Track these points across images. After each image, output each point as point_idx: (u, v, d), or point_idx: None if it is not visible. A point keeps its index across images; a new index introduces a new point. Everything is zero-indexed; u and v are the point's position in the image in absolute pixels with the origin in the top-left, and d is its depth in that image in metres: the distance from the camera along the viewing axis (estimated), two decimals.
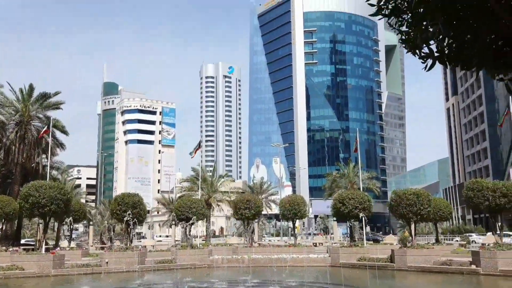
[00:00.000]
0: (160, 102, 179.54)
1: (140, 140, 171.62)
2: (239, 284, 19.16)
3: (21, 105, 46.09)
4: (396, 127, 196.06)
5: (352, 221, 38.27)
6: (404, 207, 30.03)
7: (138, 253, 32.69)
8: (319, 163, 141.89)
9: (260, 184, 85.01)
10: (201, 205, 41.00)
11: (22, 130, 44.80)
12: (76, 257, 33.38)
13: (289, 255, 34.04)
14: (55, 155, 50.76)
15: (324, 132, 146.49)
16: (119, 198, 36.39)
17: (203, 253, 34.88)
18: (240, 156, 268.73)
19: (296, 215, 39.90)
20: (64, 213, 33.99)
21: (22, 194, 30.58)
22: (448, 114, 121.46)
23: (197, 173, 60.67)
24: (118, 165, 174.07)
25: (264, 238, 67.73)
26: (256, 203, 43.05)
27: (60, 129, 47.83)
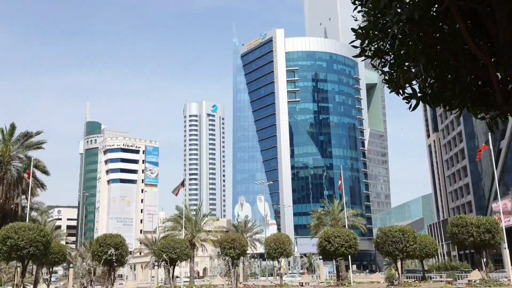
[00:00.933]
0: (144, 141, 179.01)
1: (122, 179, 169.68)
2: None
3: (1, 145, 45.43)
4: (379, 163, 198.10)
5: (339, 259, 37.98)
6: (390, 244, 30.00)
7: None
8: (303, 200, 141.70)
9: (245, 223, 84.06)
10: (185, 245, 40.29)
11: (2, 171, 43.98)
12: None
13: None
14: (35, 196, 49.72)
15: (308, 169, 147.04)
16: (101, 239, 35.65)
17: None
18: (224, 194, 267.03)
19: (281, 254, 39.48)
20: (43, 255, 33.00)
21: (0, 236, 29.68)
22: (430, 151, 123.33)
23: (181, 211, 59.82)
24: (100, 205, 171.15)
25: (249, 278, 66.45)
26: (241, 242, 42.52)
27: (41, 169, 47.08)
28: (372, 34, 6.01)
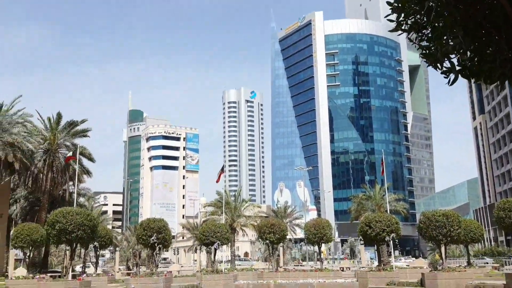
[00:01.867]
0: (184, 128, 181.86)
1: (164, 166, 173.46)
2: None
3: (49, 133, 47.23)
4: (422, 147, 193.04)
5: (380, 244, 37.45)
6: (433, 229, 29.23)
7: (164, 278, 32.58)
8: (344, 186, 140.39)
9: (284, 208, 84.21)
10: (225, 230, 40.77)
11: (50, 158, 45.76)
12: (103, 283, 33.44)
13: (315, 280, 33.36)
14: (82, 182, 51.57)
15: (348, 154, 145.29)
16: (145, 223, 36.56)
17: (228, 278, 34.50)
18: (263, 181, 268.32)
19: (321, 239, 39.25)
20: (90, 239, 34.28)
21: (49, 220, 30.99)
22: (476, 133, 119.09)
23: (221, 197, 60.62)
24: (144, 191, 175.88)
25: (290, 263, 66.83)
26: (281, 227, 42.63)
27: (87, 156, 48.67)
28: (408, 7, 5.79)
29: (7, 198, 47.42)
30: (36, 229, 36.99)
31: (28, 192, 50.01)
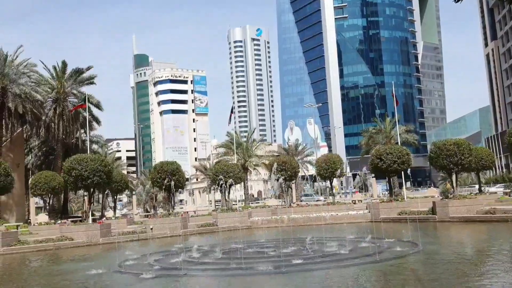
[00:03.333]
0: (191, 71, 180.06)
1: (174, 110, 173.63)
2: (284, 242, 19.37)
3: (56, 82, 47.10)
4: (433, 78, 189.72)
5: (391, 176, 37.81)
6: (444, 158, 29.29)
7: (181, 218, 33.56)
8: (354, 121, 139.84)
9: (295, 146, 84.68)
10: (237, 169, 41.33)
11: (60, 107, 45.93)
12: (122, 226, 34.56)
13: (328, 213, 34.11)
14: (93, 130, 52.00)
15: (358, 89, 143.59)
16: (158, 167, 37.18)
17: (243, 216, 35.44)
18: (273, 120, 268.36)
19: (333, 174, 39.67)
20: (107, 184, 35.04)
21: (65, 168, 31.55)
22: (488, 60, 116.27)
23: (232, 138, 60.98)
24: (155, 136, 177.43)
25: (302, 199, 68.08)
26: (292, 165, 43.08)
27: (95, 104, 48.72)
28: None
29: (22, 149, 48.22)
30: (53, 176, 37.85)
31: (41, 142, 50.68)
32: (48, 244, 26.05)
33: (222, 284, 13.07)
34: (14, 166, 36.97)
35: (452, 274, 11.98)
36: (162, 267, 15.75)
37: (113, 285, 13.68)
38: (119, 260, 17.86)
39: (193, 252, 18.76)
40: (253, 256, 16.91)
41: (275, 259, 15.47)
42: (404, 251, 16.32)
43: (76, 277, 15.57)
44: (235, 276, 13.67)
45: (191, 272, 14.20)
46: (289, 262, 14.38)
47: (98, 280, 14.38)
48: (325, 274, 13.08)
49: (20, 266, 20.54)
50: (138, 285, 13.55)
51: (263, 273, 13.68)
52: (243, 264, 15.04)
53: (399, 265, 14.08)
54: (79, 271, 17.15)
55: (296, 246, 18.38)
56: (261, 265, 14.62)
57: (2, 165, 26.72)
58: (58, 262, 21.13)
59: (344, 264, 14.21)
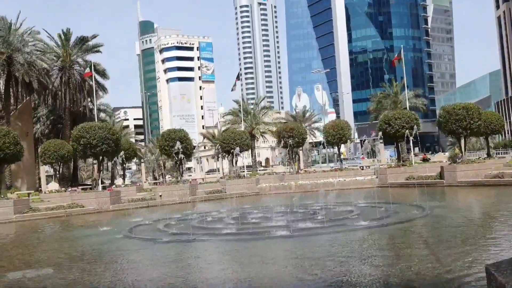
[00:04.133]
0: (197, 37, 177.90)
1: (180, 78, 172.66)
2: (291, 207, 19.52)
3: (61, 50, 46.80)
4: (443, 42, 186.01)
5: (399, 141, 37.66)
6: (453, 122, 29.04)
7: (189, 185, 33.88)
8: (363, 86, 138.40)
9: (303, 113, 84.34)
10: (245, 137, 41.35)
11: (66, 76, 45.80)
12: (132, 193, 34.96)
13: (336, 179, 34.21)
14: (99, 98, 51.95)
15: (367, 54, 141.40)
16: (166, 134, 37.34)
17: (250, 182, 35.68)
18: (280, 87, 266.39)
19: (340, 139, 39.53)
20: (115, 152, 35.30)
21: (74, 136, 31.74)
22: (499, 23, 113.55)
23: (239, 105, 60.75)
24: (162, 104, 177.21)
25: (310, 165, 68.24)
26: (300, 131, 42.97)
27: (100, 73, 48.50)
28: None
29: (30, 118, 48.45)
30: (62, 145, 38.14)
31: (49, 111, 50.82)
32: (59, 211, 26.48)
33: (230, 248, 13.24)
34: (23, 135, 37.23)
35: (459, 238, 12.02)
36: (172, 232, 15.97)
37: (125, 249, 13.93)
38: (129, 226, 18.13)
39: (202, 217, 18.98)
40: (261, 221, 17.07)
41: (283, 224, 15.61)
42: (412, 215, 16.38)
43: (88, 242, 15.86)
44: (243, 241, 13.83)
45: (200, 237, 14.38)
46: (297, 227, 14.50)
47: (110, 245, 14.64)
48: (332, 238, 13.18)
49: (32, 232, 20.94)
50: (149, 249, 13.78)
51: (271, 237, 13.82)
52: (251, 229, 15.21)
53: (406, 229, 14.14)
54: (91, 237, 17.47)
55: (304, 211, 18.51)
56: (269, 230, 14.77)
57: (11, 134, 26.86)
58: (70, 228, 21.51)
59: (352, 228, 14.30)
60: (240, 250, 12.57)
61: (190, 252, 12.96)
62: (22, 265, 12.05)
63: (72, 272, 10.83)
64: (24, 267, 11.52)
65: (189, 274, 9.99)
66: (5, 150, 25.78)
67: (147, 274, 10.31)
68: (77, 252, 13.92)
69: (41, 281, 9.95)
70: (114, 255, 13.15)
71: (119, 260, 12.48)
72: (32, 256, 13.71)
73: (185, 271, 10.31)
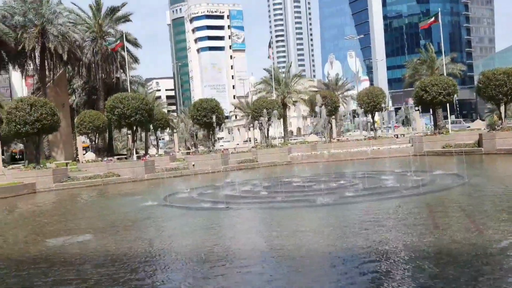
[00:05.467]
0: (227, 5, 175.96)
1: (211, 47, 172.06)
2: (325, 176, 19.37)
3: (92, 21, 47.13)
4: (482, 4, 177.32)
5: (436, 108, 36.61)
6: (493, 88, 27.94)
7: (221, 155, 34.06)
8: (397, 52, 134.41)
9: (336, 81, 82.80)
10: (277, 105, 41.06)
11: (97, 47, 46.24)
12: (165, 163, 35.45)
13: (369, 148, 33.69)
14: (131, 69, 52.41)
15: (402, 19, 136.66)
16: (197, 104, 37.46)
17: (282, 151, 35.56)
18: (312, 54, 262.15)
19: (374, 107, 38.68)
20: (148, 122, 35.78)
21: (108, 106, 32.24)
22: None
23: (271, 74, 60.14)
24: (193, 74, 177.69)
25: (343, 134, 67.40)
26: (333, 99, 42.32)
27: (132, 42, 48.70)
28: None
29: (65, 89, 49.49)
30: (97, 115, 38.90)
31: (84, 82, 51.69)
32: (96, 180, 27.17)
33: (263, 216, 13.26)
34: (59, 106, 38.00)
35: (499, 207, 11.62)
36: (205, 200, 16.13)
37: (160, 217, 14.18)
38: (164, 194, 18.43)
39: (234, 186, 19.08)
40: (294, 190, 17.01)
41: (316, 192, 15.48)
42: (449, 183, 15.97)
43: (125, 210, 16.24)
44: (276, 209, 13.82)
45: (233, 205, 14.45)
46: (331, 195, 14.35)
47: (145, 212, 14.93)
48: (367, 206, 13.00)
49: (71, 200, 21.59)
50: (183, 217, 13.98)
51: (304, 205, 13.75)
52: (284, 197, 15.17)
53: (443, 197, 13.80)
54: (127, 205, 17.88)
55: (338, 180, 18.31)
56: (303, 198, 14.70)
57: (47, 105, 27.43)
58: (106, 197, 22.08)
59: (387, 197, 14.05)
60: (273, 219, 12.57)
61: (224, 220, 13.07)
62: (62, 232, 12.42)
63: (109, 238, 11.09)
64: (64, 234, 11.88)
65: (222, 241, 10.06)
66: (42, 121, 26.40)
67: (182, 241, 10.45)
68: (114, 219, 14.25)
69: (81, 247, 10.23)
70: (149, 223, 13.39)
71: (154, 227, 12.71)
72: (71, 224, 14.13)
73: (218, 239, 10.39)
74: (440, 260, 7.34)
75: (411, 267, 7.13)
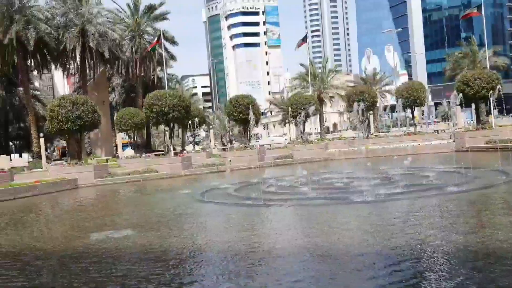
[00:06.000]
0: (262, 2, 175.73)
1: (246, 44, 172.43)
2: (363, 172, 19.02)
3: (131, 20, 48.05)
4: None
5: (479, 103, 35.34)
6: None
7: (257, 150, 34.05)
8: (437, 46, 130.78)
9: (373, 75, 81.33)
10: (313, 101, 40.67)
11: (136, 45, 47.10)
12: (201, 159, 35.77)
13: (409, 144, 32.90)
14: (169, 67, 53.16)
15: (442, 11, 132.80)
16: (233, 100, 37.57)
17: (319, 147, 35.22)
18: (349, 49, 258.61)
19: (414, 102, 37.79)
20: (185, 119, 36.15)
21: (146, 104, 32.80)
22: None
23: (306, 69, 59.69)
24: (228, 70, 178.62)
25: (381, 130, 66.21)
26: (370, 94, 41.56)
27: (169, 40, 49.35)
28: None
29: (106, 87, 50.72)
30: (136, 112, 39.63)
31: (123, 80, 52.80)
32: (135, 176, 27.68)
33: (302, 213, 13.13)
34: (99, 104, 39.01)
35: None
36: (243, 196, 16.13)
37: (197, 213, 14.29)
38: (201, 190, 18.57)
39: (271, 182, 19.01)
40: (333, 186, 16.77)
41: (356, 189, 15.21)
42: (494, 180, 15.35)
43: (163, 205, 16.46)
44: (316, 206, 13.65)
45: (270, 202, 14.38)
46: (371, 192, 14.07)
47: (183, 208, 15.08)
48: (408, 203, 12.66)
49: (111, 196, 22.08)
50: (221, 213, 14.02)
51: (344, 203, 13.53)
52: (323, 194, 14.98)
53: (488, 195, 13.28)
54: (165, 200, 18.13)
55: (377, 176, 17.94)
56: (342, 195, 14.47)
57: (88, 103, 28.16)
58: (145, 192, 22.46)
59: (429, 194, 13.64)
60: (313, 216, 12.42)
61: (262, 216, 13.02)
62: (104, 226, 12.69)
63: (149, 234, 11.24)
64: (106, 228, 12.12)
65: (261, 238, 10.01)
66: (84, 118, 27.10)
67: (220, 237, 10.46)
68: (153, 214, 14.45)
69: (122, 241, 10.41)
70: (187, 218, 13.51)
71: (192, 223, 12.81)
72: (112, 218, 14.43)
73: (257, 235, 10.35)
74: (487, 260, 7.04)
75: (458, 268, 6.85)
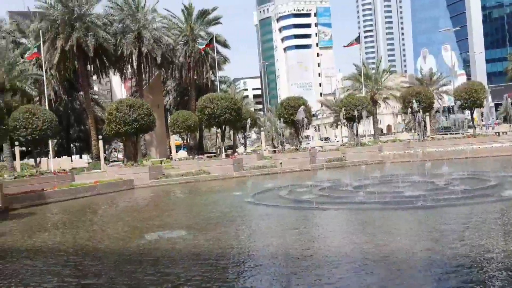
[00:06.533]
0: (314, 3, 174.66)
1: (297, 46, 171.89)
2: (419, 176, 18.35)
3: (184, 25, 49.08)
4: None
5: None
6: None
7: (309, 153, 33.73)
8: (497, 44, 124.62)
9: (430, 75, 78.58)
10: (366, 102, 39.85)
11: (189, 50, 48.05)
12: (253, 161, 35.87)
13: (468, 147, 31.50)
14: (221, 70, 53.86)
15: (503, 8, 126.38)
16: (285, 102, 37.52)
17: (373, 150, 34.42)
18: (403, 49, 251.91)
19: (474, 103, 36.24)
20: (237, 121, 36.42)
21: (199, 106, 33.34)
22: None
23: (359, 70, 58.60)
24: (280, 72, 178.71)
25: (438, 132, 63.84)
26: (427, 95, 40.23)
27: (222, 43, 49.99)
28: None
29: (160, 91, 52.08)
30: (189, 115, 40.39)
31: (177, 84, 54.03)
32: (188, 177, 28.16)
33: (354, 217, 12.82)
34: (154, 107, 40.06)
35: None
36: (294, 199, 15.98)
37: (249, 215, 14.30)
38: (252, 192, 18.58)
39: (323, 185, 18.72)
40: (386, 191, 16.29)
41: (409, 194, 14.68)
42: None
43: (215, 207, 16.58)
44: (367, 210, 13.30)
45: (323, 205, 14.15)
46: (425, 197, 13.52)
47: (235, 210, 15.15)
48: (468, 210, 12.05)
49: (165, 196, 22.56)
50: (273, 216, 13.94)
51: (396, 208, 13.09)
52: (377, 198, 14.57)
53: None
54: (217, 202, 18.28)
55: (434, 180, 17.24)
56: (398, 200, 14.02)
57: (144, 106, 28.99)
58: (198, 193, 22.77)
59: (491, 200, 12.94)
60: (366, 220, 12.10)
61: (314, 220, 12.83)
62: (157, 226, 12.94)
63: (200, 234, 11.34)
64: (159, 229, 12.35)
65: (312, 242, 9.86)
66: (140, 121, 27.92)
67: (271, 240, 10.38)
68: (206, 216, 14.58)
69: (175, 242, 10.56)
70: (239, 220, 13.53)
71: (243, 225, 12.82)
72: (166, 219, 14.71)
73: (308, 239, 10.19)
74: None
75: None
